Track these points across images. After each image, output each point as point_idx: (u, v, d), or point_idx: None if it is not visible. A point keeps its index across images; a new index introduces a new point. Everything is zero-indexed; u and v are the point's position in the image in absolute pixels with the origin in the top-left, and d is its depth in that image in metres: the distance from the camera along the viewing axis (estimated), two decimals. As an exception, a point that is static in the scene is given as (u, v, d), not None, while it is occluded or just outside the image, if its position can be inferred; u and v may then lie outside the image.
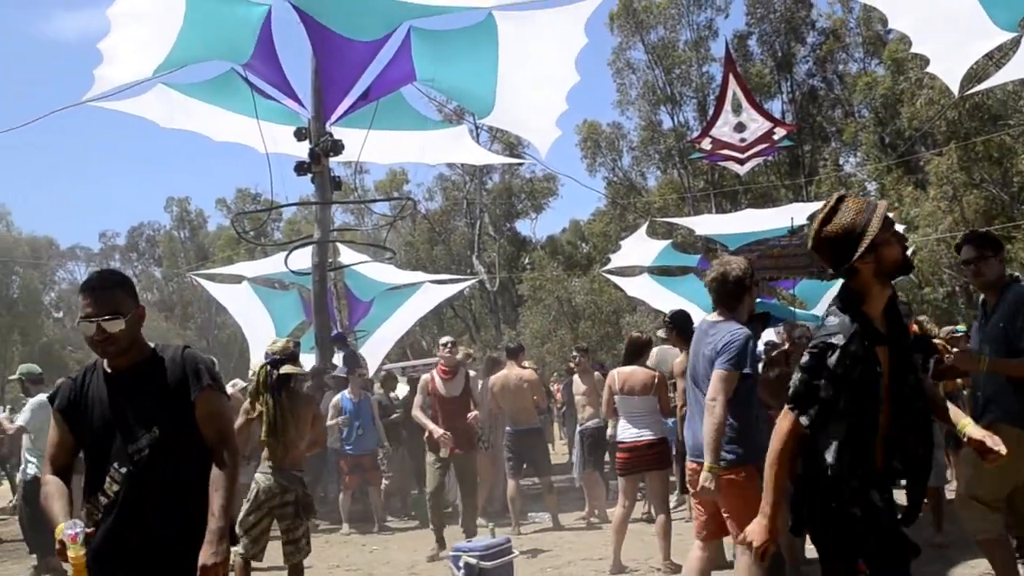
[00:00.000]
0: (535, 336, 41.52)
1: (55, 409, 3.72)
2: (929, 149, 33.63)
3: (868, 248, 3.40)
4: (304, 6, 10.32)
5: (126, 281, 3.70)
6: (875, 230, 3.41)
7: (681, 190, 42.16)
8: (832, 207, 3.53)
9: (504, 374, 10.97)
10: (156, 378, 3.59)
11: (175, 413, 3.55)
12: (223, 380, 3.94)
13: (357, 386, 11.74)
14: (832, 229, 3.48)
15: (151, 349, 3.70)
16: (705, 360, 5.50)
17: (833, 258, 3.52)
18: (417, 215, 49.41)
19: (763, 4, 43.22)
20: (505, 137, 39.45)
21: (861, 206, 3.51)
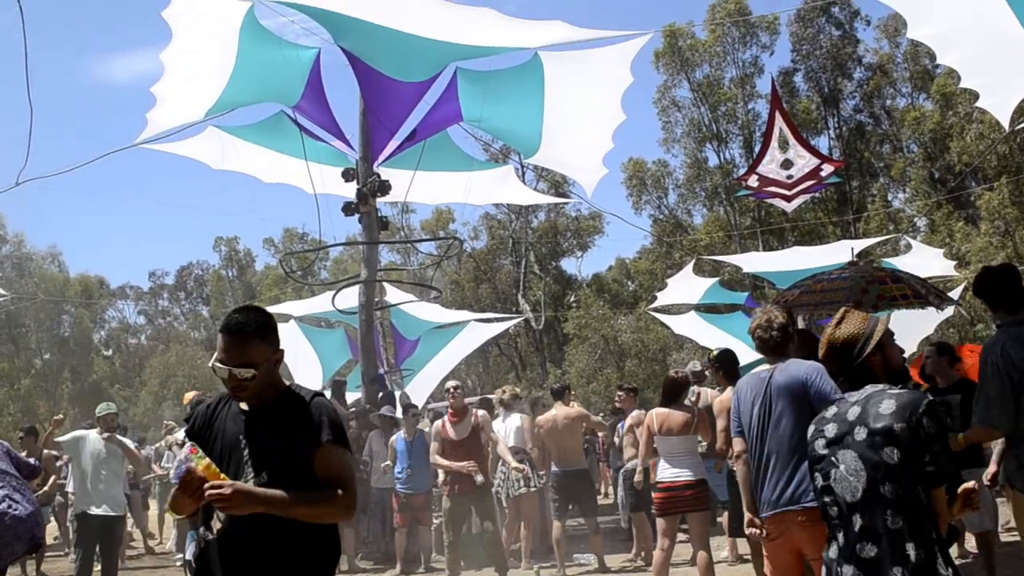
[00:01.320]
0: (581, 375, 41.39)
1: (186, 432, 3.78)
2: (980, 184, 33.31)
3: (876, 347, 3.78)
4: (352, 49, 10.45)
5: (265, 326, 3.61)
6: (881, 332, 3.81)
7: (728, 227, 41.99)
8: (842, 316, 3.94)
9: (552, 414, 10.91)
10: (279, 422, 3.55)
11: (288, 461, 3.50)
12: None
13: (412, 425, 11.76)
14: (841, 334, 3.85)
15: (284, 389, 3.66)
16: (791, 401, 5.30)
17: (844, 358, 3.84)
18: (463, 254, 49.59)
19: (808, 41, 43.15)
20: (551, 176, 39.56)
21: (865, 316, 3.93)
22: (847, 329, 3.85)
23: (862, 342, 3.79)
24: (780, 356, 5.46)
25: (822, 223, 40.76)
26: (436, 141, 12.74)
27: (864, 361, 3.78)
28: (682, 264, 26.24)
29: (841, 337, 3.84)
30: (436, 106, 11.78)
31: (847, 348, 3.81)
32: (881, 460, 3.48)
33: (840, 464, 3.62)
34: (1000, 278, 5.45)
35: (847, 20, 43.52)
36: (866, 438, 3.54)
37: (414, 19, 10.33)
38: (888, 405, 3.53)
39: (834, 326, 3.91)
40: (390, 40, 10.33)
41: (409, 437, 11.47)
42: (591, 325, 42.94)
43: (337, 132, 11.98)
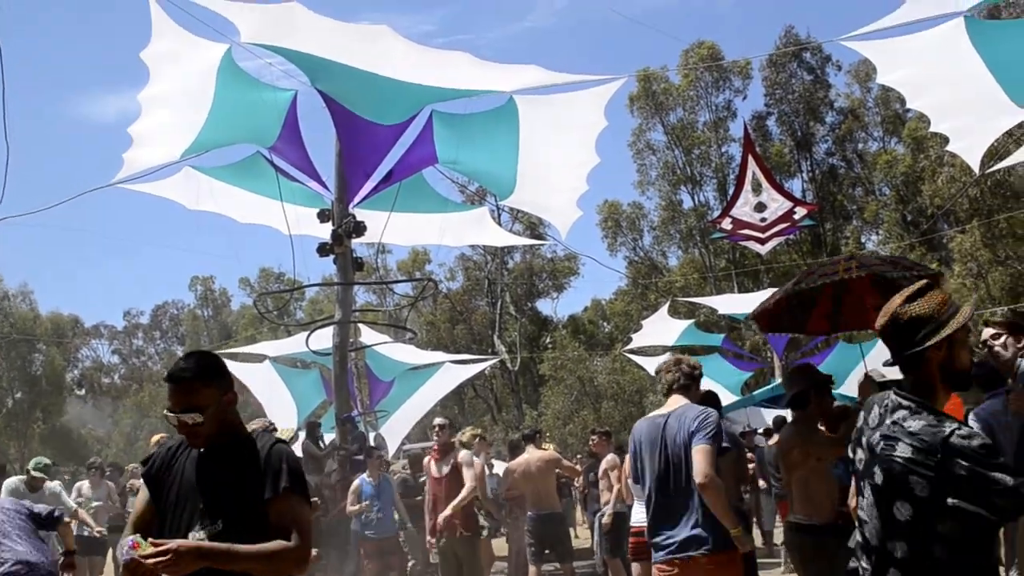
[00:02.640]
0: (557, 417, 41.36)
1: (143, 475, 3.72)
2: (952, 226, 33.69)
3: (945, 339, 3.15)
4: (329, 91, 10.50)
5: (208, 369, 3.57)
6: (959, 323, 3.17)
7: (703, 269, 42.23)
8: (920, 288, 3.28)
9: (524, 458, 10.87)
10: (237, 468, 3.50)
11: (244, 509, 3.44)
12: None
13: (376, 468, 11.67)
14: (913, 309, 3.20)
15: (244, 435, 3.63)
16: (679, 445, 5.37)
17: (904, 339, 3.21)
18: (438, 295, 49.57)
19: (781, 85, 43.69)
20: (526, 218, 39.74)
21: (948, 298, 3.26)
22: (918, 308, 3.19)
23: (930, 328, 3.14)
24: (685, 396, 5.59)
25: (796, 265, 41.04)
26: (412, 183, 12.77)
27: (924, 351, 3.15)
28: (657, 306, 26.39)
29: (907, 314, 3.19)
30: (412, 148, 11.83)
31: (911, 329, 3.17)
32: (891, 515, 3.04)
33: (864, 497, 3.18)
34: None
35: (819, 65, 44.15)
36: (882, 483, 3.08)
37: (390, 62, 10.42)
38: (904, 449, 3.01)
39: (904, 299, 3.24)
40: (366, 83, 10.40)
41: (374, 480, 11.38)
42: (567, 366, 42.96)
43: (313, 173, 12.01)
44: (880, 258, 7.06)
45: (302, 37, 10.10)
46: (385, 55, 10.45)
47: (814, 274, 6.80)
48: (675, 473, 5.35)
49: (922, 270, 6.89)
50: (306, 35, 10.14)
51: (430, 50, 11.22)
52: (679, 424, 5.39)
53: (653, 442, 5.47)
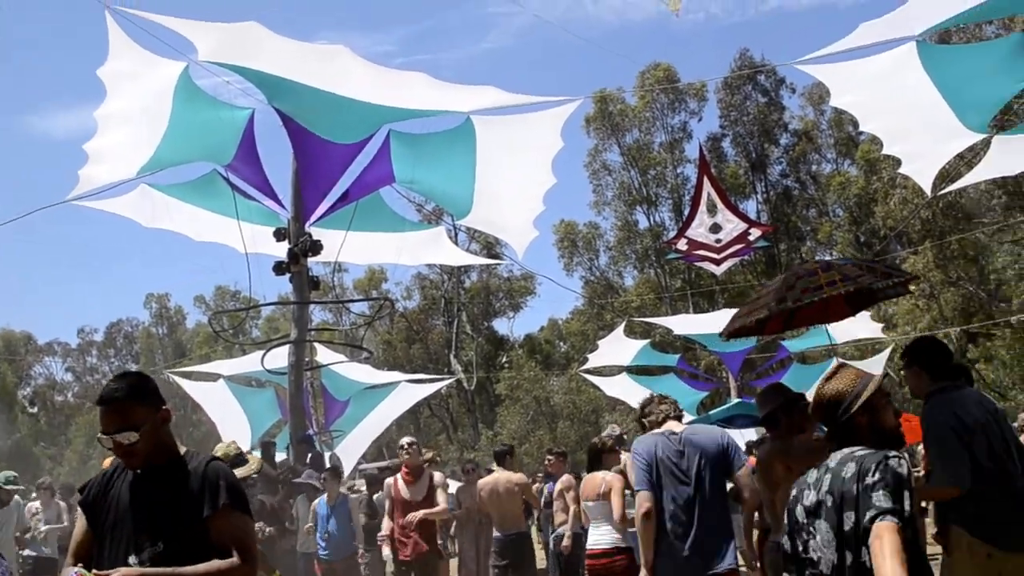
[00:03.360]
0: (512, 436, 41.27)
1: (79, 502, 3.69)
2: (904, 247, 34.13)
3: (864, 406, 3.60)
4: (286, 109, 10.51)
5: (138, 388, 3.57)
6: (871, 391, 3.62)
7: (658, 289, 42.45)
8: (835, 369, 3.78)
9: (493, 478, 10.80)
10: (175, 488, 3.49)
11: (184, 529, 3.42)
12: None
13: (334, 489, 11.59)
14: (832, 387, 3.69)
15: (179, 455, 3.60)
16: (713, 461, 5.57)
17: (829, 418, 3.69)
18: (395, 314, 49.43)
19: (736, 107, 44.18)
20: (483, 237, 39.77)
21: (858, 373, 3.74)
22: (835, 385, 3.70)
23: (848, 400, 3.63)
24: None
25: (751, 285, 41.37)
26: (368, 202, 12.78)
27: (850, 420, 3.63)
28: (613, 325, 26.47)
29: (828, 394, 3.70)
30: (369, 167, 11.84)
31: (833, 405, 3.67)
32: (842, 528, 3.39)
33: (816, 535, 3.52)
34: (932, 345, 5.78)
35: (773, 88, 44.71)
36: (831, 506, 3.45)
37: (348, 82, 10.44)
38: (850, 468, 3.43)
39: (824, 380, 3.76)
40: (324, 102, 10.41)
41: (331, 501, 11.31)
42: (523, 386, 42.97)
43: (269, 192, 11.97)
44: (857, 265, 7.04)
45: (260, 56, 10.10)
46: (343, 75, 10.48)
47: (795, 288, 6.82)
48: (709, 489, 5.51)
49: (898, 274, 6.95)
50: (264, 54, 10.14)
51: (388, 70, 11.24)
52: (710, 440, 5.65)
53: (680, 457, 5.60)
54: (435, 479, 9.84)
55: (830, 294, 6.46)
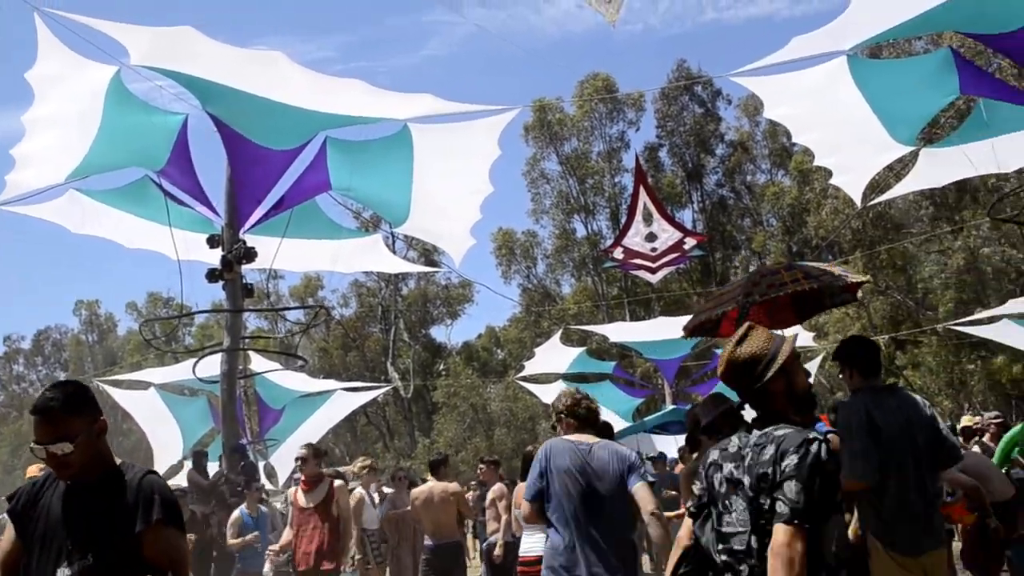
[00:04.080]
0: (449, 444, 41.21)
1: (8, 512, 3.60)
2: (836, 257, 34.62)
3: (780, 370, 3.44)
4: (221, 115, 10.38)
5: (74, 398, 3.48)
6: (787, 354, 3.45)
7: (595, 297, 42.65)
8: (745, 332, 3.57)
9: (428, 487, 10.75)
10: (107, 500, 3.40)
11: (115, 542, 3.35)
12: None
13: (254, 500, 11.44)
14: (744, 352, 3.50)
15: (115, 466, 3.52)
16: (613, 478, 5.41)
17: (746, 381, 3.50)
18: (331, 321, 49.11)
19: (673, 118, 44.58)
20: (420, 245, 39.69)
21: (770, 335, 3.56)
22: (748, 348, 3.50)
23: (764, 363, 3.45)
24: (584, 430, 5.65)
25: (687, 294, 41.77)
26: (304, 209, 12.67)
27: (765, 385, 3.44)
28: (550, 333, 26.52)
29: (742, 356, 3.50)
30: (305, 174, 11.74)
31: (748, 368, 3.47)
32: (757, 512, 3.25)
33: (733, 511, 3.37)
34: (860, 344, 5.90)
35: (710, 99, 45.20)
36: (748, 487, 3.30)
37: (284, 88, 10.34)
38: (769, 450, 3.26)
39: (735, 344, 3.54)
40: (259, 108, 10.30)
41: (252, 512, 11.18)
42: (460, 394, 42.92)
43: (202, 198, 11.81)
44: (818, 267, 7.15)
45: (194, 61, 9.96)
46: (279, 81, 10.38)
47: (760, 284, 6.88)
48: (608, 504, 5.35)
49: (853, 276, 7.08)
50: (198, 59, 10.01)
51: (325, 76, 11.16)
52: (610, 457, 5.43)
53: (579, 469, 5.40)
54: (334, 487, 9.71)
55: (795, 290, 6.54)
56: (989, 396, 30.32)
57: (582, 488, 5.32)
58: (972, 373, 29.64)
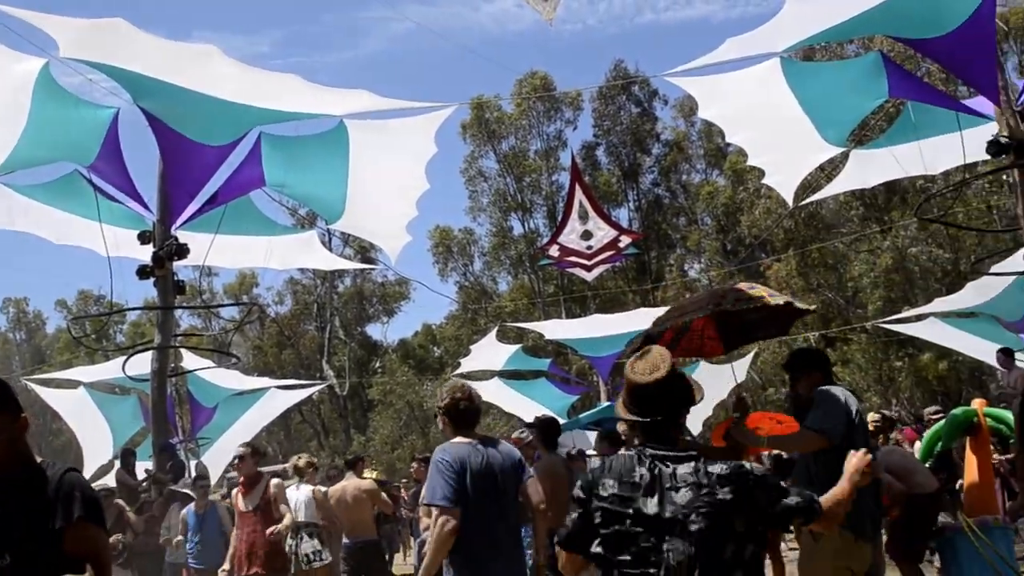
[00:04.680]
0: (385, 442, 41.09)
1: None
2: (768, 256, 35.06)
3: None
4: (153, 109, 10.23)
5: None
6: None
7: (531, 295, 42.73)
8: (643, 353, 3.53)
9: (342, 485, 10.73)
10: (27, 499, 3.33)
11: (35, 541, 3.28)
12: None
13: (202, 497, 11.34)
14: (660, 375, 3.42)
15: (35, 464, 3.45)
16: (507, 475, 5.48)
17: (657, 406, 3.41)
18: (266, 319, 48.68)
19: (610, 117, 44.81)
20: (357, 242, 39.49)
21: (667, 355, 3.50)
22: (665, 370, 3.39)
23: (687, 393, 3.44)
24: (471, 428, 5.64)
25: (622, 291, 42.01)
26: (239, 205, 12.55)
27: (678, 414, 3.42)
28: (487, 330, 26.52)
29: (656, 379, 3.38)
30: (239, 170, 11.62)
31: (664, 395, 3.38)
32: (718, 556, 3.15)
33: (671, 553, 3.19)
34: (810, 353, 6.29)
35: (646, 99, 45.48)
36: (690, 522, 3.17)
37: (218, 82, 10.22)
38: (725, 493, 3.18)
39: (668, 365, 3.43)
40: (192, 102, 10.17)
41: (200, 510, 11.07)
42: (396, 391, 42.81)
43: (134, 193, 11.62)
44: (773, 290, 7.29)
45: (126, 54, 9.79)
46: (213, 75, 10.25)
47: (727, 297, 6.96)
48: (503, 502, 5.39)
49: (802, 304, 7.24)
50: (130, 52, 9.84)
51: (259, 71, 11.04)
52: (503, 457, 5.48)
53: (481, 469, 5.38)
54: (271, 488, 9.64)
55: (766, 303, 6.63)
56: (916, 392, 30.93)
57: (484, 486, 5.32)
58: (899, 370, 30.21)
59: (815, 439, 5.59)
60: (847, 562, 5.58)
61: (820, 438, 5.55)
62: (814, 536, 5.62)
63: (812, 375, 6.15)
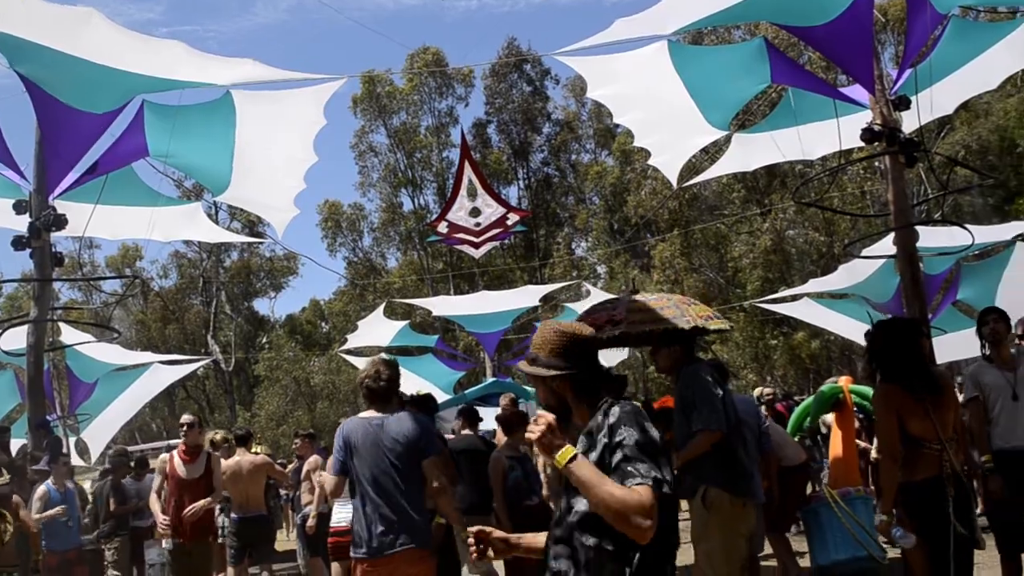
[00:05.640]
0: (271, 418, 40.68)
1: None
2: (654, 236, 35.65)
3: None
4: (30, 75, 9.91)
5: None
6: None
7: (420, 271, 42.69)
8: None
9: (235, 460, 10.65)
10: None
11: None
12: None
13: (62, 476, 11.07)
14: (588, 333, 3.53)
15: None
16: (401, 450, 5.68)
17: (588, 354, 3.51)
18: (149, 292, 47.64)
19: (502, 95, 44.89)
20: (245, 215, 38.87)
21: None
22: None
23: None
24: (387, 406, 5.89)
25: (511, 268, 42.25)
26: (121, 175, 12.25)
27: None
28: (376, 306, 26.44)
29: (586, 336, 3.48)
30: (121, 139, 11.33)
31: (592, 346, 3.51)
32: None
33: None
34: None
35: (538, 78, 45.68)
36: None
37: (100, 48, 9.95)
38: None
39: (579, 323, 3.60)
40: (72, 68, 9.87)
41: (59, 488, 10.84)
42: (282, 367, 42.38)
43: (9, 162, 11.26)
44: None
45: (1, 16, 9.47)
46: (93, 40, 9.97)
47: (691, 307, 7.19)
48: (395, 476, 5.59)
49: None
50: (6, 14, 9.52)
51: (144, 37, 10.74)
52: (400, 429, 5.68)
53: (374, 444, 5.65)
54: (213, 460, 9.64)
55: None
56: (789, 370, 32.01)
57: (375, 462, 5.60)
58: (775, 348, 31.20)
59: (709, 437, 6.01)
60: (734, 525, 6.04)
61: (712, 434, 6.00)
62: (705, 504, 5.94)
63: (672, 348, 6.49)
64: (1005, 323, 6.77)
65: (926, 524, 5.42)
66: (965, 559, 5.40)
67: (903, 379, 5.55)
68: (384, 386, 5.87)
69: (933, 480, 5.40)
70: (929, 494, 5.40)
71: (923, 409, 5.46)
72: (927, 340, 6.25)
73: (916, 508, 5.48)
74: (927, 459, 5.45)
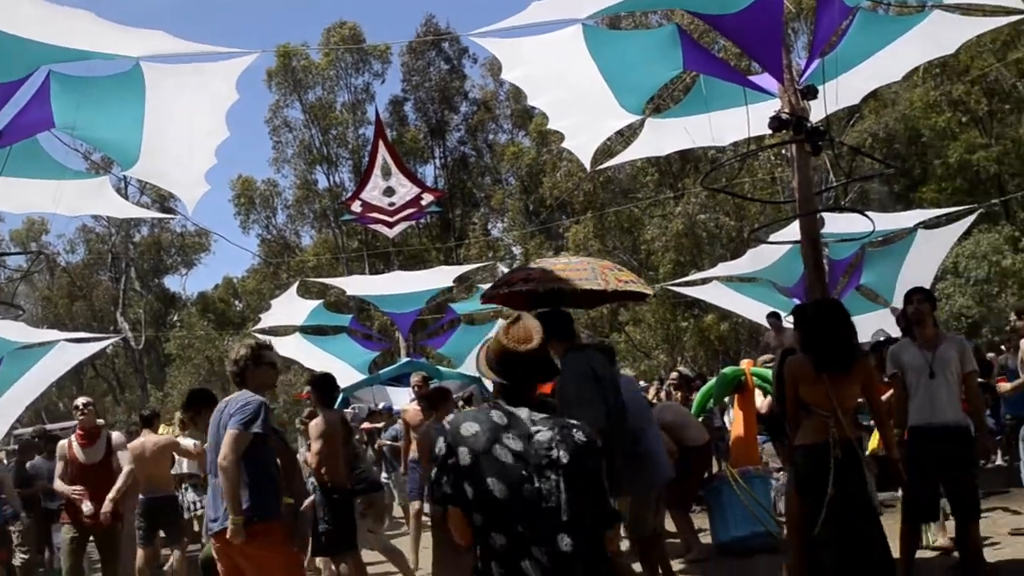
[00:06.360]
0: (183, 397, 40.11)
1: None
2: (568, 218, 35.87)
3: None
4: (-71, 42, 9.64)
5: None
6: None
7: (335, 250, 42.38)
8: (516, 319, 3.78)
9: (140, 441, 10.49)
10: None
11: None
12: None
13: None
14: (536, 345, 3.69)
15: None
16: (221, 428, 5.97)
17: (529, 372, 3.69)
18: (56, 268, 46.58)
19: (419, 72, 44.65)
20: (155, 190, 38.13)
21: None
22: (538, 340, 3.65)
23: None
24: (241, 386, 6.17)
25: (426, 248, 42.17)
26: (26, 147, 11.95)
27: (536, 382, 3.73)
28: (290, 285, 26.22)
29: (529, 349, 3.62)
30: (25, 109, 11.05)
31: (532, 361, 3.64)
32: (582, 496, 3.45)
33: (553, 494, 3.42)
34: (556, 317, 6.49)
35: (456, 56, 45.54)
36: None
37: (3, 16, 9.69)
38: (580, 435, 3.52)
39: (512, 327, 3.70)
40: (-27, 36, 9.63)
41: None
42: (195, 346, 41.84)
43: (-93, 131, 10.94)
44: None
45: None
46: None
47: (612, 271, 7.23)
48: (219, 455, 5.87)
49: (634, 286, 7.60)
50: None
51: (50, 5, 10.49)
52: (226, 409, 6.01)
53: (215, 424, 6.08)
54: (113, 440, 9.51)
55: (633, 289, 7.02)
56: (699, 351, 32.60)
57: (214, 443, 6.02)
58: (685, 330, 31.79)
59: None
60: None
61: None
62: None
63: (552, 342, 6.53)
64: (930, 303, 7.02)
65: (806, 486, 5.95)
66: (859, 525, 5.76)
67: (813, 353, 6.01)
68: (232, 370, 6.22)
69: (820, 445, 5.87)
70: (813, 458, 5.90)
71: (819, 379, 5.91)
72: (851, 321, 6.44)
73: (800, 468, 6.07)
74: (816, 425, 5.96)
